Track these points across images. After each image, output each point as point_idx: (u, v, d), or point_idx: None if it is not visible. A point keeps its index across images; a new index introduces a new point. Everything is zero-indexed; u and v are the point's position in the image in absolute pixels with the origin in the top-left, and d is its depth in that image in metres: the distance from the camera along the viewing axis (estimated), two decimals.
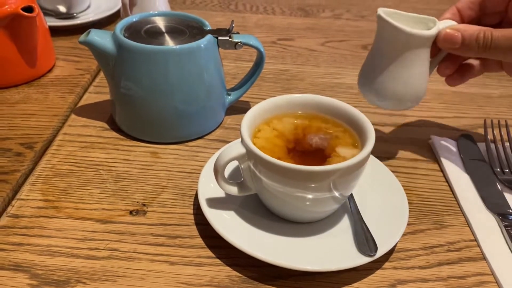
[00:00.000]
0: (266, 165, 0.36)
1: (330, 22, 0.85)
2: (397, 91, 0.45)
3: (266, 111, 0.42)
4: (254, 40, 0.53)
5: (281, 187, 0.37)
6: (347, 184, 0.38)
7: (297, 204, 0.39)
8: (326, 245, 0.39)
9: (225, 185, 0.40)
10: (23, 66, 0.60)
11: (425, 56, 0.44)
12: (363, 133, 0.39)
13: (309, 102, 0.43)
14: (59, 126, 0.53)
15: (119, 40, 0.48)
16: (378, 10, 0.44)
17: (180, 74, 0.48)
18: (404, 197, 0.42)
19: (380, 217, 0.41)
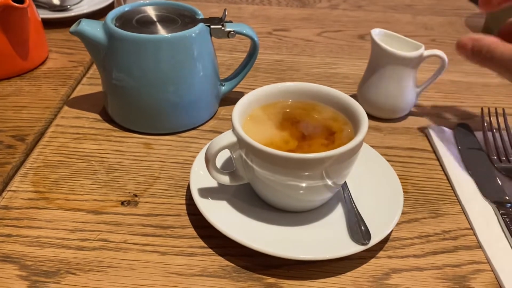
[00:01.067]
0: (258, 153, 0.36)
1: (326, 12, 0.84)
2: (388, 103, 0.53)
3: (257, 99, 0.41)
4: (247, 29, 0.52)
5: (273, 175, 0.36)
6: (340, 172, 0.37)
7: (290, 193, 0.38)
8: (319, 234, 0.38)
9: (216, 175, 0.39)
10: (15, 59, 0.59)
11: (410, 74, 0.52)
12: (356, 120, 0.39)
13: (301, 90, 0.42)
14: (51, 118, 0.53)
15: (110, 30, 0.47)
16: (372, 32, 0.53)
17: (172, 63, 0.48)
18: (399, 186, 0.42)
19: (375, 206, 0.40)
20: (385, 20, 0.82)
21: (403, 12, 0.85)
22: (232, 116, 0.38)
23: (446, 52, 0.53)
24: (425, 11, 0.86)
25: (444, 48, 0.72)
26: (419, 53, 0.50)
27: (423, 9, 0.87)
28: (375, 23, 0.80)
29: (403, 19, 0.83)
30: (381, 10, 0.86)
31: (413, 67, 0.52)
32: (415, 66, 0.52)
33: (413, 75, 0.52)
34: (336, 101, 0.41)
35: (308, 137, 0.40)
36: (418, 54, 0.50)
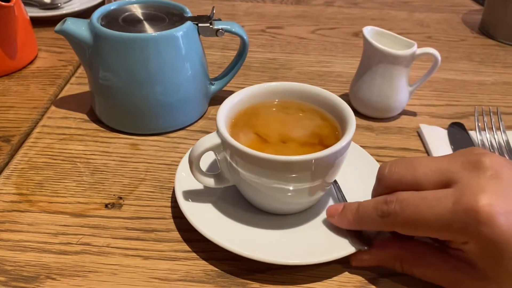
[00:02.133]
0: (242, 156, 0.35)
1: (321, 9, 0.83)
2: (380, 102, 0.52)
3: (243, 100, 0.41)
4: (236, 27, 0.51)
5: (258, 178, 0.35)
6: (327, 174, 0.36)
7: (276, 196, 0.37)
8: (306, 237, 0.37)
9: (201, 177, 0.38)
10: (2, 58, 0.58)
11: (403, 72, 0.51)
12: (343, 120, 0.38)
13: (288, 90, 0.42)
14: (38, 118, 0.52)
15: (95, 29, 0.46)
16: (363, 30, 0.51)
17: (159, 62, 0.47)
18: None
19: None
20: (381, 18, 0.81)
21: (400, 9, 0.84)
22: (217, 117, 0.37)
23: (440, 50, 0.52)
24: (421, 8, 0.85)
25: (440, 46, 0.71)
26: (411, 51, 0.49)
27: (419, 6, 0.86)
28: (371, 21, 0.79)
29: (399, 16, 0.81)
30: (377, 7, 0.85)
31: (406, 65, 0.51)
32: (407, 64, 0.51)
33: (405, 73, 0.51)
34: (323, 101, 0.40)
35: (295, 139, 0.39)
36: (410, 52, 0.49)
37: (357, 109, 0.54)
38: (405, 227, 0.32)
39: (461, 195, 0.30)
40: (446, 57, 0.53)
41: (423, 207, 0.31)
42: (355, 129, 0.37)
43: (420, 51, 0.50)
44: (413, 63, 0.51)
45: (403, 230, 0.33)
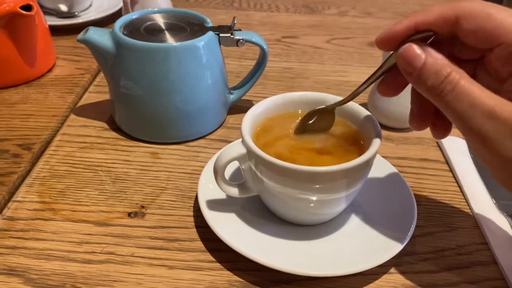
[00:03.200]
0: (267, 166, 0.35)
1: (335, 19, 0.83)
2: (400, 112, 0.51)
3: (267, 109, 0.41)
4: (256, 37, 0.51)
5: (282, 188, 0.35)
6: (352, 185, 0.36)
7: (300, 206, 0.37)
8: (330, 248, 0.37)
9: (225, 187, 0.38)
10: (22, 66, 0.59)
11: None
12: (368, 131, 0.38)
13: (312, 100, 0.42)
14: (58, 126, 0.52)
15: (118, 38, 0.47)
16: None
17: (180, 72, 0.47)
18: (412, 198, 0.40)
19: (387, 218, 0.39)
20: None
21: None
22: (242, 126, 0.37)
23: None
24: None
25: None
26: None
27: None
28: None
29: None
30: (391, 17, 0.85)
31: None
32: None
33: None
34: (348, 111, 0.40)
35: (320, 149, 0.39)
36: None
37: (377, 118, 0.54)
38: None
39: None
40: None
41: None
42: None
43: None
44: None
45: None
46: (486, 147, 0.28)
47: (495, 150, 0.28)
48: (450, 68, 0.29)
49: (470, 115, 0.28)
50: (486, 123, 0.27)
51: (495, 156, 0.28)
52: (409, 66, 0.30)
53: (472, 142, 0.30)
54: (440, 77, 0.29)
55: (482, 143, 0.28)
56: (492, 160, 0.29)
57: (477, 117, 0.28)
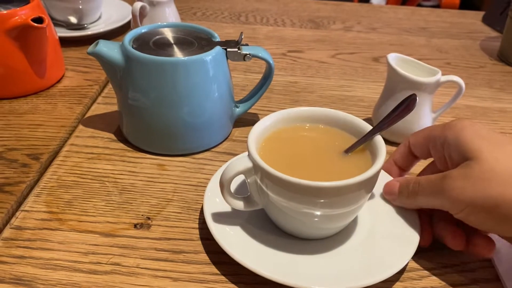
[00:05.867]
0: (273, 180, 0.35)
1: (340, 34, 0.84)
2: (404, 128, 0.52)
3: (273, 123, 0.41)
4: (263, 52, 0.52)
5: (288, 202, 0.36)
6: (357, 200, 0.37)
7: (305, 220, 0.38)
8: (335, 263, 0.37)
9: (231, 200, 0.39)
10: (32, 77, 0.60)
11: (427, 99, 0.51)
12: (373, 147, 0.38)
13: (318, 115, 0.42)
14: (66, 137, 0.53)
15: (127, 51, 0.47)
16: (388, 57, 0.52)
17: (188, 85, 0.48)
18: (416, 214, 0.41)
19: (391, 233, 0.39)
20: (400, 43, 0.82)
21: (417, 35, 0.85)
22: (248, 140, 0.38)
23: (460, 76, 0.53)
24: (439, 34, 0.86)
25: (459, 72, 0.72)
26: (436, 78, 0.50)
27: (437, 32, 0.87)
28: (389, 46, 0.80)
29: (417, 42, 0.82)
30: (395, 33, 0.86)
31: (430, 92, 0.51)
32: (431, 91, 0.51)
33: (429, 100, 0.52)
34: (353, 127, 0.41)
35: (326, 164, 0.39)
36: (435, 80, 0.50)
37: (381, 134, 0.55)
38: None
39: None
40: (466, 83, 0.53)
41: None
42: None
43: (445, 79, 0.51)
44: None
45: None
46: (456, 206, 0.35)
47: (458, 200, 0.34)
48: (414, 178, 0.39)
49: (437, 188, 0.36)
50: (444, 183, 0.35)
51: (460, 205, 0.35)
52: (392, 194, 0.41)
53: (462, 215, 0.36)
54: (408, 186, 0.39)
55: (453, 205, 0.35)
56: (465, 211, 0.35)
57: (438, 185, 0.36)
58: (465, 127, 0.36)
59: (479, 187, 0.33)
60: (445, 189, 0.35)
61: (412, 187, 0.38)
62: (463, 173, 0.34)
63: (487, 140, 0.35)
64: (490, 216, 0.33)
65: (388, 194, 0.41)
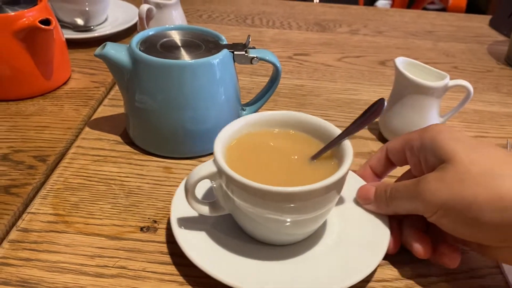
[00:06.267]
0: (239, 185, 0.34)
1: (347, 37, 0.84)
2: None
3: (243, 127, 0.40)
4: (270, 55, 0.52)
5: (253, 208, 0.35)
6: (323, 206, 0.36)
7: (272, 226, 0.37)
8: (302, 269, 0.37)
9: (196, 205, 0.38)
10: (39, 78, 0.60)
11: (434, 104, 0.51)
12: (340, 152, 0.38)
13: (288, 119, 0.41)
14: (72, 139, 0.53)
15: (135, 54, 0.47)
16: (395, 60, 0.52)
17: (195, 88, 0.48)
18: (386, 219, 0.40)
19: (361, 239, 0.39)
20: (406, 46, 0.81)
21: (424, 39, 0.85)
22: (214, 145, 0.37)
23: (468, 81, 0.53)
24: (446, 38, 0.86)
25: (466, 76, 0.72)
26: (444, 83, 0.50)
27: (444, 35, 0.87)
28: (396, 49, 0.80)
29: (424, 46, 0.82)
30: (402, 36, 0.85)
31: (438, 96, 0.51)
32: (439, 95, 0.51)
33: (437, 104, 0.52)
34: (323, 132, 0.40)
35: (292, 170, 0.38)
36: (443, 84, 0.50)
37: (387, 138, 0.55)
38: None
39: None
40: (473, 87, 0.53)
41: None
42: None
43: (453, 83, 0.51)
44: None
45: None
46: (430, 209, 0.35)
47: (433, 202, 0.34)
48: (389, 184, 0.39)
49: (413, 192, 0.36)
50: (420, 187, 0.35)
51: (434, 208, 0.34)
52: (367, 200, 0.40)
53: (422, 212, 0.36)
54: (386, 192, 0.39)
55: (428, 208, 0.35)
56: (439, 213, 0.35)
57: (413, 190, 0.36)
58: (442, 131, 0.36)
59: (453, 188, 0.33)
60: (419, 192, 0.35)
61: (390, 192, 0.38)
62: (438, 176, 0.34)
63: (462, 142, 0.35)
64: (461, 218, 0.33)
65: (362, 198, 0.41)
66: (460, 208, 0.33)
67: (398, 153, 0.40)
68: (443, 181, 0.34)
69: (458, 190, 0.33)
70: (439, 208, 0.34)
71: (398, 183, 0.38)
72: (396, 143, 0.41)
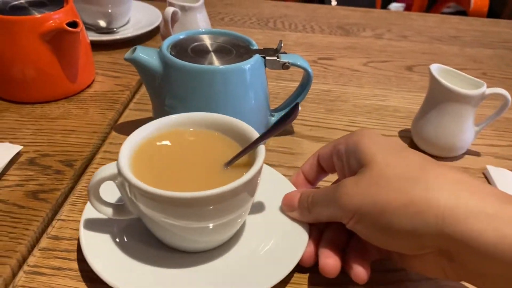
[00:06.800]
0: (135, 189, 0.32)
1: (371, 41, 0.83)
2: (446, 141, 0.51)
3: (155, 128, 0.39)
4: (301, 61, 0.51)
5: (158, 214, 0.33)
6: (234, 211, 0.34)
7: (178, 233, 0.35)
8: (214, 277, 0.35)
9: (99, 206, 0.36)
10: (64, 81, 0.59)
11: (470, 112, 0.50)
12: (253, 156, 0.36)
13: (211, 121, 0.40)
14: (99, 143, 0.52)
15: (166, 58, 0.47)
16: (430, 67, 0.51)
17: (226, 94, 0.47)
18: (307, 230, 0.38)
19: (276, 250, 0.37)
20: (432, 52, 0.80)
21: (450, 44, 0.83)
22: (122, 146, 0.36)
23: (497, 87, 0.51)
24: (472, 43, 0.84)
25: (495, 83, 0.70)
26: (481, 91, 0.48)
27: (470, 40, 0.85)
28: (422, 55, 0.78)
29: (450, 51, 0.81)
30: (427, 41, 0.84)
31: (474, 105, 0.50)
32: (475, 104, 0.50)
33: (472, 113, 0.50)
34: (236, 131, 0.39)
35: (202, 176, 0.36)
36: (480, 92, 0.48)
37: (420, 146, 0.53)
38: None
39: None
40: None
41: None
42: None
43: (490, 91, 0.49)
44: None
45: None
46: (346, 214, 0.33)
47: (342, 206, 0.33)
48: (311, 192, 0.37)
49: (332, 197, 0.35)
50: (337, 191, 0.34)
51: (344, 212, 0.33)
52: (291, 207, 0.39)
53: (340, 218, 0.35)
54: (308, 198, 0.37)
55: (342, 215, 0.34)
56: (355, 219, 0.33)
57: (332, 194, 0.35)
58: (365, 135, 0.35)
59: (368, 193, 0.32)
60: (337, 197, 0.34)
61: (311, 198, 0.37)
62: (355, 180, 0.33)
63: (382, 146, 0.34)
64: (375, 224, 0.31)
65: (286, 205, 0.39)
66: (374, 214, 0.31)
67: (328, 159, 0.39)
68: (358, 185, 0.32)
69: (372, 194, 0.31)
70: (354, 213, 0.32)
71: (320, 189, 0.37)
72: (326, 148, 0.40)
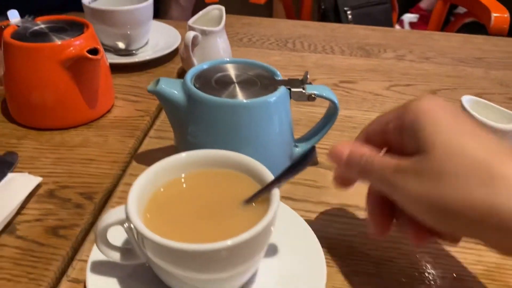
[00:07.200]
0: (146, 241, 0.31)
1: (393, 63, 0.81)
2: None
3: (174, 168, 0.38)
4: (327, 92, 0.50)
5: (166, 264, 0.32)
6: (247, 261, 0.33)
7: (190, 283, 0.33)
8: None
9: (106, 250, 0.35)
10: (84, 107, 0.58)
11: None
12: (269, 199, 0.34)
13: (226, 159, 0.39)
14: (119, 174, 0.51)
15: (190, 91, 0.45)
16: (462, 99, 0.50)
17: (250, 126, 0.46)
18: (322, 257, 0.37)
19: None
20: (457, 75, 0.78)
21: (475, 66, 0.81)
22: (131, 188, 0.34)
23: None
24: (497, 65, 0.82)
25: None
26: None
27: (495, 62, 0.83)
28: (446, 78, 0.76)
29: (475, 74, 0.78)
30: (450, 63, 0.82)
31: (509, 139, 0.48)
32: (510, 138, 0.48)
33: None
34: (250, 169, 0.38)
35: (217, 216, 0.35)
36: None
37: None
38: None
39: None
40: None
41: None
42: None
43: None
44: None
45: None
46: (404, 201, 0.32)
47: (406, 195, 0.32)
48: (367, 151, 0.35)
49: (388, 180, 0.33)
50: (395, 177, 0.32)
51: (408, 202, 0.32)
52: (338, 160, 0.37)
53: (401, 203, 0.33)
54: (360, 162, 0.35)
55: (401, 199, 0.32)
56: (414, 208, 0.32)
57: (388, 177, 0.33)
58: (425, 113, 0.32)
59: (428, 191, 0.30)
60: (393, 186, 0.32)
61: (364, 163, 0.35)
62: (414, 173, 0.31)
63: (444, 128, 0.31)
64: (434, 220, 0.31)
65: (332, 158, 0.38)
66: (434, 213, 0.31)
67: (378, 137, 0.37)
68: (419, 180, 0.31)
69: (432, 193, 0.30)
70: (412, 210, 0.32)
71: (376, 158, 0.35)
72: (375, 125, 0.38)
